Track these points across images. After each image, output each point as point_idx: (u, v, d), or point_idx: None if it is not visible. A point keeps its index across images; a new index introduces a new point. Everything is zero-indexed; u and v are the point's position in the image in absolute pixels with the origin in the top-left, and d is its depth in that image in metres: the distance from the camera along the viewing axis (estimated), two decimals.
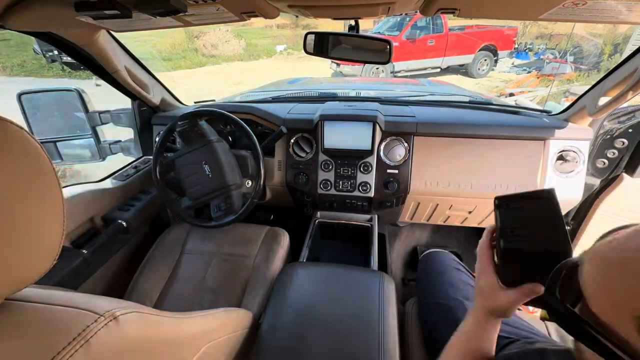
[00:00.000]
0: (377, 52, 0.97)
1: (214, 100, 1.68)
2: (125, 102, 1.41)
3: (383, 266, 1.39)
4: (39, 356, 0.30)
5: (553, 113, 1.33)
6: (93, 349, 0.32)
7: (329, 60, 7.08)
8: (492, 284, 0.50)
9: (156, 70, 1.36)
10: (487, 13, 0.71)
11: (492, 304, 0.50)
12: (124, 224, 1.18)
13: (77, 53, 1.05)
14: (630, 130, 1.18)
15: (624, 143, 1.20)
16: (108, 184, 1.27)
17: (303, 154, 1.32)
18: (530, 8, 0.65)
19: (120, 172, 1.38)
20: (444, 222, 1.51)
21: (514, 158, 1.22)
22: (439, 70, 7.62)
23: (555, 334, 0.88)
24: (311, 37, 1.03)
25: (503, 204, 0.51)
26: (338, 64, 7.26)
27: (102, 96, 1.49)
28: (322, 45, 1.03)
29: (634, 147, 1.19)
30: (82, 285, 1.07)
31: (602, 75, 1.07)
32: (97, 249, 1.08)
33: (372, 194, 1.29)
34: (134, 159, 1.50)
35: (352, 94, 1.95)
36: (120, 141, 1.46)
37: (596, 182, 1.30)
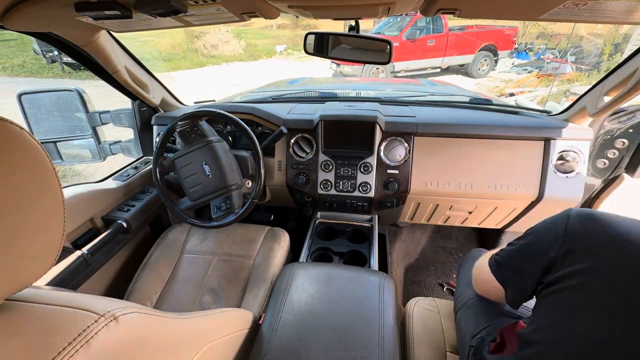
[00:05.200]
0: (377, 52, 0.97)
1: (214, 101, 1.68)
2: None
3: (383, 266, 1.39)
4: (39, 356, 0.30)
5: (553, 113, 1.33)
6: (93, 349, 0.32)
7: (329, 61, 7.08)
8: None
9: (156, 71, 1.36)
10: (487, 13, 0.71)
11: None
12: (124, 224, 1.18)
13: (77, 53, 1.05)
14: (630, 131, 1.18)
15: (624, 143, 1.20)
16: (108, 184, 1.27)
17: (303, 154, 1.32)
18: (530, 8, 0.65)
19: (121, 172, 1.38)
20: (444, 222, 1.51)
21: (514, 158, 1.22)
22: (439, 70, 7.62)
23: None
24: (311, 37, 1.03)
25: None
26: (338, 64, 7.26)
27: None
28: (322, 46, 1.03)
29: (635, 147, 1.19)
30: (82, 285, 1.07)
31: (602, 75, 1.07)
32: (97, 249, 1.08)
33: (372, 194, 1.29)
34: (134, 159, 1.50)
35: (352, 94, 1.95)
36: (120, 141, 1.46)
37: (597, 182, 1.30)
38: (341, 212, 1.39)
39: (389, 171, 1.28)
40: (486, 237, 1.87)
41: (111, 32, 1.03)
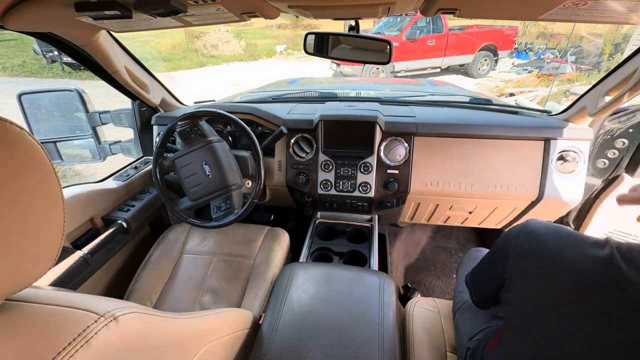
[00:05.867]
0: (377, 52, 0.97)
1: (214, 100, 1.68)
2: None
3: (383, 266, 1.39)
4: (39, 356, 0.30)
5: (553, 113, 1.33)
6: (93, 350, 0.32)
7: (329, 61, 7.08)
8: None
9: (156, 71, 1.36)
10: (487, 13, 0.71)
11: None
12: (124, 224, 1.18)
13: (77, 53, 1.05)
14: (630, 130, 1.18)
15: (624, 143, 1.20)
16: (108, 184, 1.27)
17: (303, 154, 1.32)
18: (530, 8, 0.65)
19: (120, 172, 1.38)
20: (444, 222, 1.51)
21: (514, 158, 1.22)
22: (439, 70, 7.62)
23: None
24: (311, 37, 1.03)
25: None
26: (338, 64, 7.26)
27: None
28: (322, 46, 1.03)
29: (635, 147, 1.19)
30: (82, 285, 1.07)
31: (602, 75, 1.07)
32: (97, 249, 1.08)
33: (372, 194, 1.29)
34: (134, 159, 1.50)
35: (352, 94, 1.95)
36: (120, 141, 1.46)
37: (597, 182, 1.30)
38: (341, 212, 1.39)
39: (389, 171, 1.28)
40: (486, 237, 1.87)
41: (111, 32, 1.03)
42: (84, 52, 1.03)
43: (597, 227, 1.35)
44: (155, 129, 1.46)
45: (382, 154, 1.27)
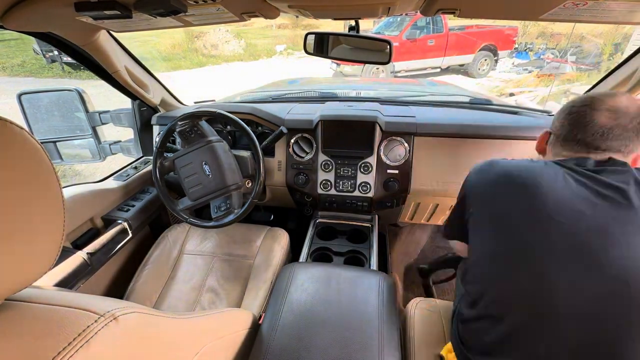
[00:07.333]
0: (377, 52, 0.97)
1: (214, 100, 1.68)
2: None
3: (383, 266, 1.39)
4: (39, 356, 0.30)
5: (553, 113, 1.33)
6: (93, 350, 0.32)
7: (329, 60, 7.08)
8: None
9: (156, 71, 1.36)
10: (487, 13, 0.71)
11: None
12: (124, 224, 1.18)
13: (77, 53, 1.05)
14: None
15: None
16: (108, 184, 1.27)
17: (303, 154, 1.32)
18: (530, 8, 0.65)
19: (120, 172, 1.38)
20: (444, 222, 1.50)
21: (515, 158, 1.22)
22: (439, 70, 7.62)
23: None
24: (311, 37, 1.03)
25: None
26: (338, 64, 7.26)
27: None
28: (322, 46, 1.03)
29: None
30: (82, 285, 1.07)
31: (602, 75, 1.07)
32: (97, 249, 1.08)
33: (372, 194, 1.29)
34: (134, 159, 1.50)
35: (352, 94, 1.94)
36: (120, 141, 1.46)
37: None
38: (341, 212, 1.39)
39: (389, 171, 1.28)
40: None
41: (111, 32, 1.03)
42: (84, 52, 1.03)
43: None
44: (155, 128, 1.46)
45: (382, 154, 1.27)
